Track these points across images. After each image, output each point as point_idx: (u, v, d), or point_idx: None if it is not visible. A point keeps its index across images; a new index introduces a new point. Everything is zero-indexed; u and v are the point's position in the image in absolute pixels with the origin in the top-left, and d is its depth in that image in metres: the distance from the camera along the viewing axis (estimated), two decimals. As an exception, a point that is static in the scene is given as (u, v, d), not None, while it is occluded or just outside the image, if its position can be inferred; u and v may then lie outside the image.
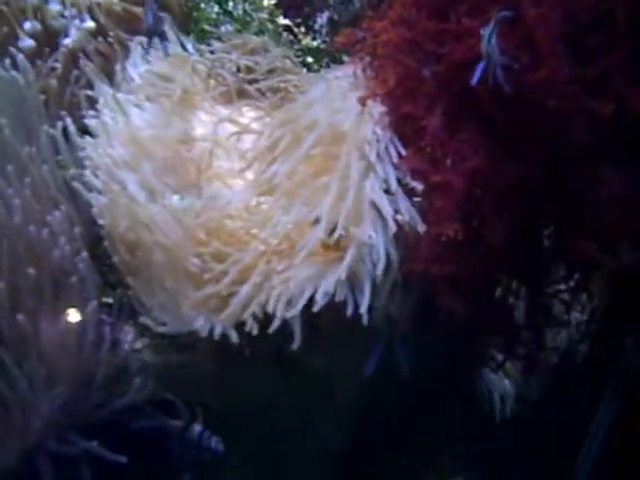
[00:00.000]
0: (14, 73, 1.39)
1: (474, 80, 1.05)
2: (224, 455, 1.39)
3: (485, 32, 1.03)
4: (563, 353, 1.51)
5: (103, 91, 1.41)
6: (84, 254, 1.27)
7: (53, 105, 1.46)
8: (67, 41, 1.50)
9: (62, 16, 1.52)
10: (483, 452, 1.58)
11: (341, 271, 1.14)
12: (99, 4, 1.52)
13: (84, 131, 1.40)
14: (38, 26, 1.50)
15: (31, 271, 1.23)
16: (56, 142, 1.38)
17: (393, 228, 1.17)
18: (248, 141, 1.37)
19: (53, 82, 1.46)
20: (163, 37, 1.46)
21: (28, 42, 1.46)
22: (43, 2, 1.52)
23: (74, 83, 1.47)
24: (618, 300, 1.36)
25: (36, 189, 1.32)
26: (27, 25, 1.50)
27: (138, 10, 1.53)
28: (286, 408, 1.42)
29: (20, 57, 1.39)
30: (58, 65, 1.48)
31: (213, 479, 1.46)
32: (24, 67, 1.41)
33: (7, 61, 1.40)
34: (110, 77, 1.45)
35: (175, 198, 1.26)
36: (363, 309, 1.15)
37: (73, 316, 1.27)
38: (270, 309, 1.16)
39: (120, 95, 1.41)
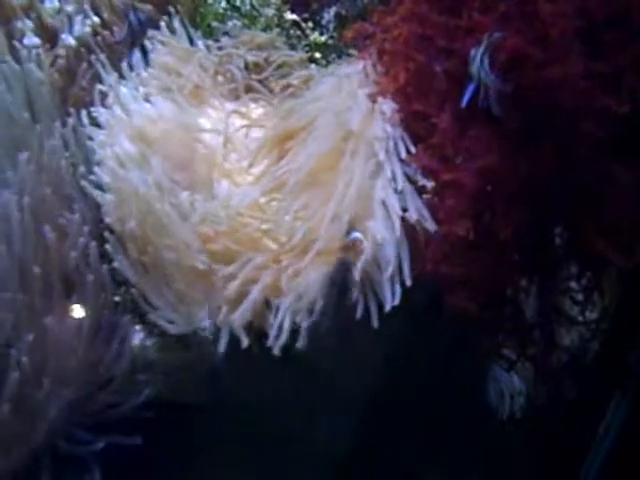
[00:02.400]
0: (30, 66, 1.38)
1: (464, 102, 1.04)
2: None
3: (476, 53, 1.02)
4: (573, 352, 1.50)
5: (112, 85, 1.40)
6: (96, 254, 1.27)
7: (57, 99, 1.45)
8: (67, 36, 1.49)
9: (60, 12, 1.50)
10: (489, 452, 1.57)
11: (354, 274, 1.14)
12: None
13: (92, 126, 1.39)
14: (30, 25, 1.48)
15: (38, 270, 1.23)
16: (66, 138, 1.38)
17: (398, 229, 1.16)
18: (255, 138, 1.36)
19: (55, 76, 1.45)
20: (143, 48, 1.45)
21: (33, 40, 1.44)
22: (37, 1, 1.50)
23: (81, 77, 1.46)
24: (630, 298, 1.35)
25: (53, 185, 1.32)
26: (19, 25, 1.48)
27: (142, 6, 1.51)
28: (292, 406, 1.42)
29: (35, 52, 1.38)
30: (61, 56, 1.47)
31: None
32: (38, 62, 1.40)
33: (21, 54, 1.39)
34: (116, 71, 1.43)
35: (185, 195, 1.25)
36: (374, 311, 1.14)
37: (84, 315, 1.27)
38: (280, 318, 1.16)
39: (129, 89, 1.40)
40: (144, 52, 1.42)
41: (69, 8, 1.48)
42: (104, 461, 1.25)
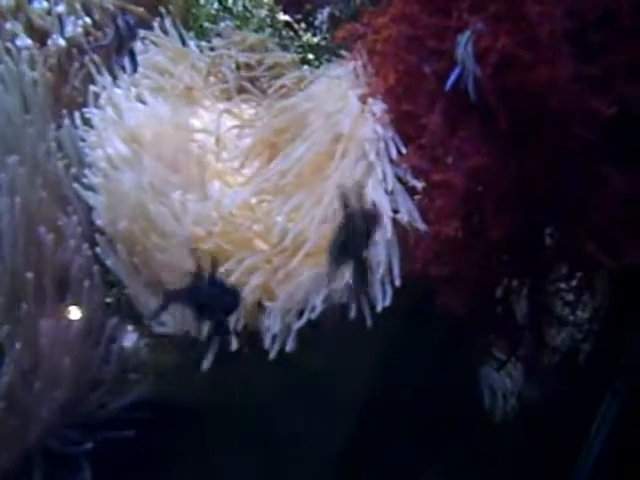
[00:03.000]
0: (24, 67, 1.39)
1: (448, 85, 1.04)
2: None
3: (462, 38, 1.02)
4: (565, 352, 1.50)
5: (105, 86, 1.40)
6: (90, 256, 1.27)
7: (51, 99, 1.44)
8: (57, 37, 1.48)
9: (49, 13, 1.50)
10: (483, 452, 1.57)
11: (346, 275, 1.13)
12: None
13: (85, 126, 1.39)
14: (19, 26, 1.47)
15: (30, 275, 1.23)
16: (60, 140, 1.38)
17: (390, 230, 1.16)
18: (247, 139, 1.36)
19: (48, 75, 1.45)
20: (131, 53, 1.44)
21: (25, 41, 1.44)
22: (26, 3, 1.50)
23: (73, 77, 1.46)
24: (621, 299, 1.35)
25: (49, 187, 1.32)
26: (8, 26, 1.48)
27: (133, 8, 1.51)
28: (284, 407, 1.42)
29: (31, 52, 1.39)
30: (51, 55, 1.46)
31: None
32: (32, 63, 1.40)
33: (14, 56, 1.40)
34: (109, 72, 1.43)
35: (177, 195, 1.25)
36: (367, 312, 1.14)
37: (77, 317, 1.27)
38: (272, 321, 1.17)
39: (121, 90, 1.40)
40: (132, 55, 1.42)
41: (59, 9, 1.48)
42: (96, 461, 1.26)
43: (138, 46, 1.42)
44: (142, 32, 1.44)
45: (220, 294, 1.07)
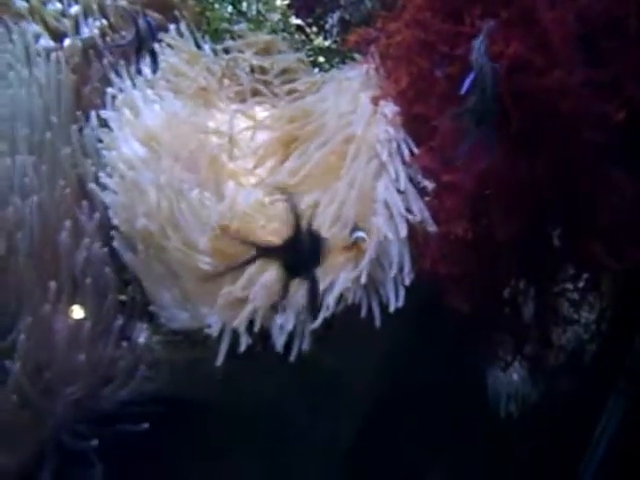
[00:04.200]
0: (49, 69, 1.40)
1: (463, 90, 1.06)
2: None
3: (476, 42, 1.04)
4: (571, 352, 1.52)
5: (122, 87, 1.42)
6: (106, 254, 1.29)
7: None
8: (73, 38, 1.50)
9: (63, 15, 1.52)
10: (488, 451, 1.58)
11: (361, 275, 1.15)
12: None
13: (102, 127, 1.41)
14: (37, 28, 1.49)
15: (47, 274, 1.25)
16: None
17: (404, 229, 1.18)
18: (261, 139, 1.38)
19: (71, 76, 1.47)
20: (152, 54, 1.45)
21: (49, 42, 1.46)
22: (41, 4, 1.52)
23: (93, 78, 1.47)
24: (627, 300, 1.36)
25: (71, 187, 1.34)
26: (30, 28, 1.48)
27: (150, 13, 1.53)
28: (295, 405, 1.43)
29: (58, 54, 1.40)
30: (70, 56, 1.48)
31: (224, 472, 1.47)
32: (58, 64, 1.42)
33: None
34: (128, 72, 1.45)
35: (194, 194, 1.27)
36: (377, 311, 1.16)
37: (91, 314, 1.29)
38: (284, 322, 1.18)
39: (138, 90, 1.41)
40: (154, 56, 1.43)
41: (73, 10, 1.50)
42: (109, 456, 1.27)
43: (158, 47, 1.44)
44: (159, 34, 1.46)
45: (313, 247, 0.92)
